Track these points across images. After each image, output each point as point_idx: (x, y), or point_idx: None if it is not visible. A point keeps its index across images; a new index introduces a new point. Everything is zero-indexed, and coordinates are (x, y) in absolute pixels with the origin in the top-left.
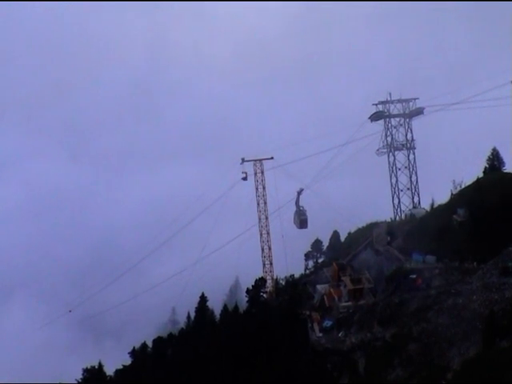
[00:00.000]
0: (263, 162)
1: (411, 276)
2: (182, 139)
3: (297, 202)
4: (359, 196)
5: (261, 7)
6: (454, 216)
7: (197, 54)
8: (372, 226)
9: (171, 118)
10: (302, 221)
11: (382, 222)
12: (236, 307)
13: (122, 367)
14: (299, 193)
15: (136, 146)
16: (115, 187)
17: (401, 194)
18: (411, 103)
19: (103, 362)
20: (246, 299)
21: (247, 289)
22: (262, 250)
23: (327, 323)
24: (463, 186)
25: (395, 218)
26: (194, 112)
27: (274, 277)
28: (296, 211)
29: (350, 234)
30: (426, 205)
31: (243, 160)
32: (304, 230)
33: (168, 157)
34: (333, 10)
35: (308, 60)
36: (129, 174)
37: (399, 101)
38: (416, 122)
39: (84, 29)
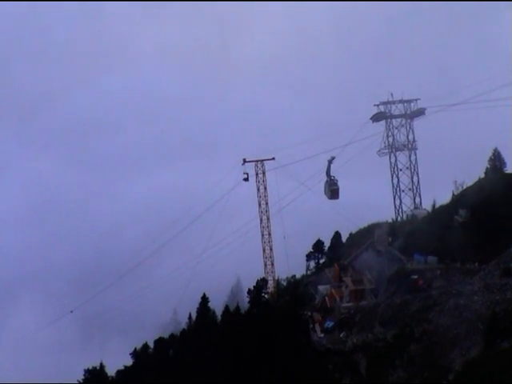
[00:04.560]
0: (265, 162)
1: (413, 277)
2: (183, 140)
3: (328, 172)
4: (360, 196)
5: (265, 8)
6: (456, 217)
7: (193, 56)
8: (373, 227)
9: (171, 119)
10: (332, 191)
11: (383, 223)
12: (237, 308)
13: (123, 368)
14: (330, 161)
15: (137, 147)
16: (117, 188)
17: (402, 194)
18: (413, 104)
19: (105, 363)
20: (248, 300)
21: (248, 289)
22: (264, 250)
23: (328, 324)
24: (465, 187)
25: (397, 219)
26: (194, 113)
27: (276, 277)
28: (326, 181)
29: (351, 234)
30: (427, 205)
31: (244, 161)
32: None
33: (169, 158)
34: (331, 11)
35: (309, 60)
36: (130, 175)
37: (401, 101)
38: (417, 123)
39: (84, 31)
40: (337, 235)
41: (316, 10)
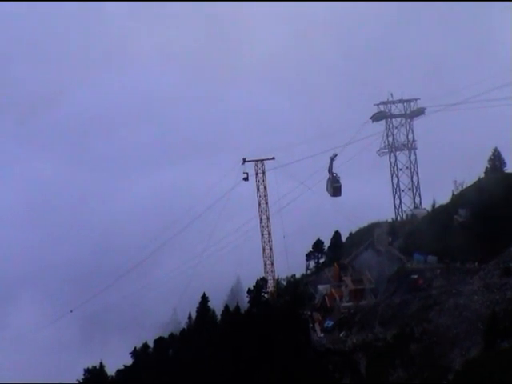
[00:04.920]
0: (264, 162)
1: (412, 276)
2: (183, 140)
3: (330, 169)
4: (360, 196)
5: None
6: (456, 216)
7: (193, 56)
8: (373, 227)
9: (171, 119)
10: (335, 188)
11: (383, 223)
12: (237, 307)
13: (123, 367)
14: (332, 158)
15: (137, 147)
16: (117, 188)
17: (402, 194)
18: (412, 103)
19: (105, 363)
20: (248, 299)
21: (248, 289)
22: (264, 250)
23: (328, 323)
24: (464, 187)
25: (396, 219)
26: (194, 113)
27: (276, 277)
28: (329, 178)
29: (351, 234)
30: (427, 205)
31: (244, 160)
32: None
33: (169, 158)
34: (331, 11)
35: (309, 60)
36: (130, 175)
37: (400, 101)
38: (417, 123)
39: (84, 31)
40: (337, 235)
41: (316, 10)
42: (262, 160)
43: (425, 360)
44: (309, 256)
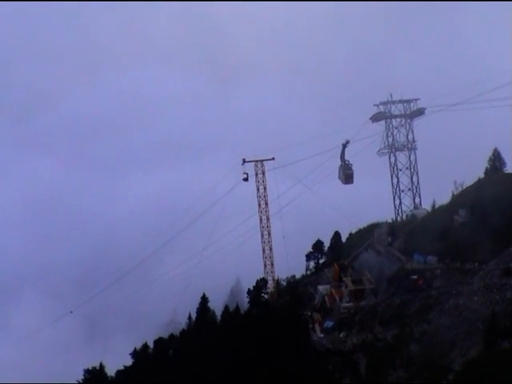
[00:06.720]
0: (264, 162)
1: (412, 277)
2: (183, 141)
3: (342, 156)
4: (360, 196)
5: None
6: (456, 217)
7: (193, 56)
8: (373, 227)
9: (171, 119)
10: (347, 175)
11: (383, 223)
12: (237, 308)
13: (123, 368)
14: (344, 145)
15: (137, 147)
16: (117, 188)
17: (402, 194)
18: (412, 104)
19: (104, 363)
20: (248, 300)
21: (248, 289)
22: (263, 250)
23: (328, 324)
24: (464, 187)
25: (396, 219)
26: (194, 113)
27: (275, 277)
28: (340, 165)
29: (351, 234)
30: (427, 205)
31: (244, 161)
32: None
33: (168, 158)
34: (331, 11)
35: (309, 60)
36: (130, 175)
37: (400, 101)
38: (417, 123)
39: (84, 31)
40: (336, 235)
41: (315, 10)
42: (261, 160)
43: (425, 360)
44: (309, 256)
